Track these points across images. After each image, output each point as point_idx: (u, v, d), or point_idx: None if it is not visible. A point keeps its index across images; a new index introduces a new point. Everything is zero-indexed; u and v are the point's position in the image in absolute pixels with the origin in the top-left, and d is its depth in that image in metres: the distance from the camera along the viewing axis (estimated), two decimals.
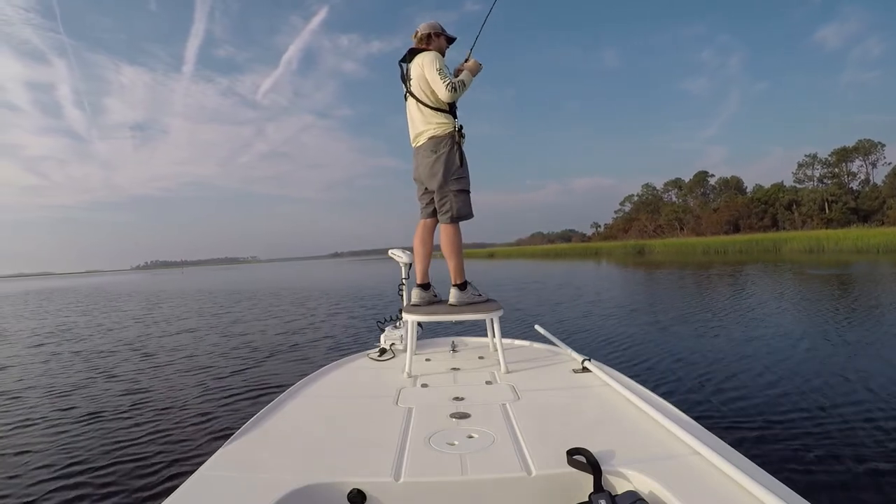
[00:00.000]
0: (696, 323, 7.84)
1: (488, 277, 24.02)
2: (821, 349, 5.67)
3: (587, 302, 11.36)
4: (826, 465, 2.89)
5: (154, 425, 4.17)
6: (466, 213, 3.08)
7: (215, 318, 12.14)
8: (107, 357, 7.57)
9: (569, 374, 2.57)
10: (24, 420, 4.55)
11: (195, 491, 1.45)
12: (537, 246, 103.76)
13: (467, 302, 3.00)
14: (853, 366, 4.89)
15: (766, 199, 72.75)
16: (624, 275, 21.93)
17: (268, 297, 18.34)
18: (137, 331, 10.61)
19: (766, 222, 69.48)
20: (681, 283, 15.64)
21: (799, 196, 69.77)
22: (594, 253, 56.57)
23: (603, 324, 8.15)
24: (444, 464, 1.56)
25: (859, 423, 3.47)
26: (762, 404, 3.96)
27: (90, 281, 73.22)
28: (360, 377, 2.76)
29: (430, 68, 2.95)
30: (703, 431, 1.69)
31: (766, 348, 5.84)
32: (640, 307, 10.21)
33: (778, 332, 6.72)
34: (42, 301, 25.23)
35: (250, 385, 5.34)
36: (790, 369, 4.89)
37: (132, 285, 42.05)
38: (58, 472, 3.33)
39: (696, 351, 5.90)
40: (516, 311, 10.11)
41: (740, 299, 10.45)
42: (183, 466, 3.26)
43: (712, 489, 1.34)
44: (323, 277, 36.18)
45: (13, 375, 6.61)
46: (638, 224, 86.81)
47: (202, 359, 6.99)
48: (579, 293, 13.66)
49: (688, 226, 78.84)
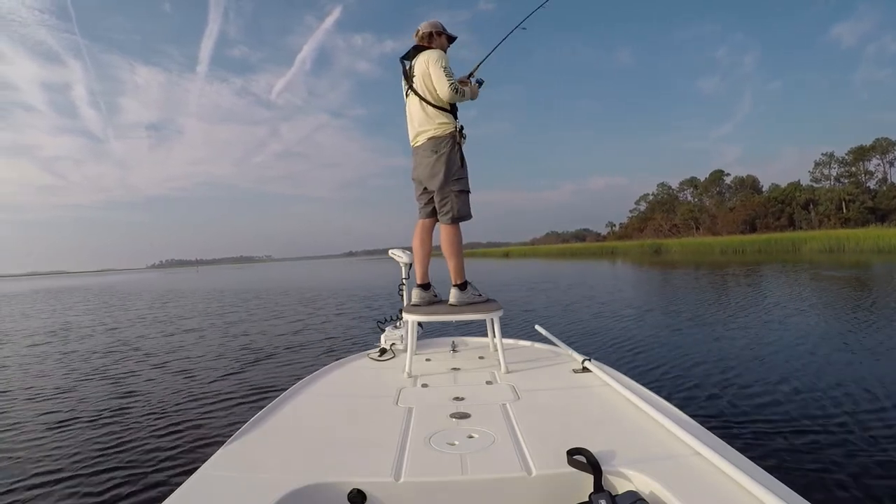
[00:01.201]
0: (715, 325, 7.69)
1: (501, 277, 23.82)
2: (837, 354, 5.49)
3: (599, 303, 11.19)
4: (831, 469, 2.85)
5: (154, 425, 4.18)
6: (466, 213, 3.10)
7: (220, 318, 12.16)
8: (106, 356, 7.59)
9: (569, 374, 2.58)
10: (25, 419, 4.56)
11: (195, 491, 1.45)
12: (553, 245, 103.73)
13: (467, 302, 3.01)
14: (871, 372, 4.73)
15: (782, 199, 71.89)
16: (640, 274, 21.66)
17: (275, 296, 18.35)
18: (139, 330, 10.66)
19: (782, 222, 68.73)
20: (699, 284, 15.39)
21: (816, 195, 68.80)
22: (610, 252, 56.23)
23: (614, 325, 8.02)
24: (445, 464, 1.57)
25: (872, 429, 3.37)
26: (768, 406, 3.91)
27: (103, 280, 74.33)
28: (360, 377, 2.77)
29: (435, 65, 2.96)
30: (703, 431, 1.69)
31: (780, 351, 5.71)
32: (655, 307, 10.05)
33: (794, 335, 6.57)
34: (49, 299, 25.69)
35: (251, 385, 5.34)
36: (801, 372, 4.79)
37: (144, 284, 42.49)
38: (57, 472, 3.33)
39: (711, 353, 5.78)
40: (526, 312, 10.00)
41: (760, 300, 10.25)
42: (183, 466, 3.27)
43: (713, 489, 1.34)
44: (333, 276, 36.40)
45: (15, 374, 6.64)
46: (653, 223, 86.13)
47: (203, 358, 7.01)
48: (592, 293, 13.50)
49: (703, 225, 78.07)
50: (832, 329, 6.90)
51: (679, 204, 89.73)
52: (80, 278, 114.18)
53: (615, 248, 59.64)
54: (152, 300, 20.34)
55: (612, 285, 16.27)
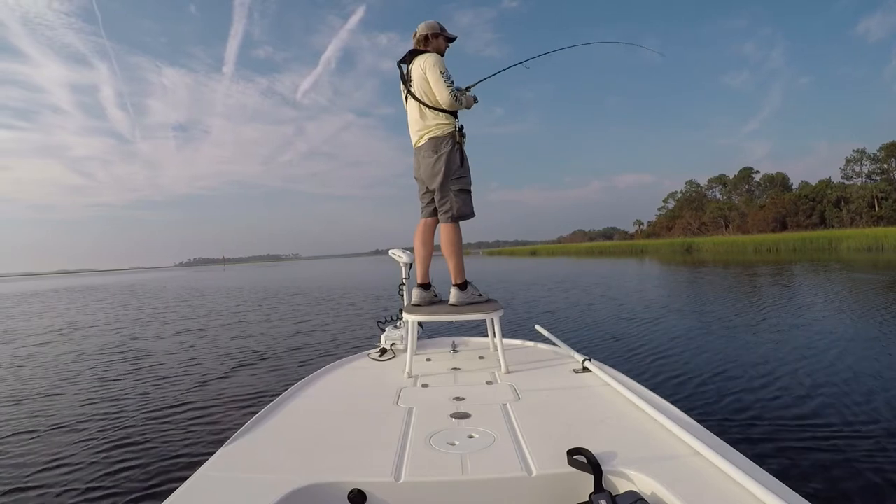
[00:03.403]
0: (750, 327, 7.29)
1: (523, 277, 23.07)
2: (866, 362, 5.05)
3: (623, 305, 10.60)
4: (832, 469, 2.82)
5: (154, 425, 4.18)
6: (467, 212, 3.11)
7: (230, 317, 12.11)
8: (106, 356, 7.63)
9: (569, 374, 2.57)
10: (24, 419, 4.57)
11: (195, 491, 1.45)
12: (581, 243, 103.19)
13: (468, 302, 3.01)
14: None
15: (813, 196, 70.66)
16: (676, 275, 20.75)
17: (293, 296, 17.92)
18: (146, 329, 10.65)
19: (813, 220, 67.66)
20: (735, 284, 14.67)
21: (847, 193, 67.39)
22: (640, 251, 55.36)
23: (646, 331, 7.37)
24: (445, 464, 1.57)
25: (880, 436, 3.23)
26: (781, 409, 3.81)
27: (130, 278, 74.53)
28: (360, 377, 2.78)
29: (433, 71, 2.97)
30: (703, 432, 1.69)
31: (808, 358, 5.30)
32: (693, 309, 9.56)
33: (825, 339, 6.19)
34: (69, 297, 26.22)
35: (251, 385, 5.36)
36: (820, 376, 4.61)
37: (170, 282, 42.62)
38: (57, 472, 3.33)
39: (736, 358, 5.53)
40: (547, 314, 9.79)
41: (800, 300, 9.74)
42: (183, 466, 3.25)
43: (713, 489, 1.34)
44: (355, 272, 36.36)
45: (18, 373, 6.72)
46: (682, 221, 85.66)
47: (204, 358, 7.01)
48: (625, 294, 12.77)
49: (733, 223, 77.24)
50: (879, 336, 6.30)
51: (708, 202, 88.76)
52: (107, 276, 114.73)
53: (645, 247, 58.99)
54: (168, 299, 20.34)
55: (638, 286, 15.58)
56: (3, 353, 8.47)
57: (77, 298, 24.93)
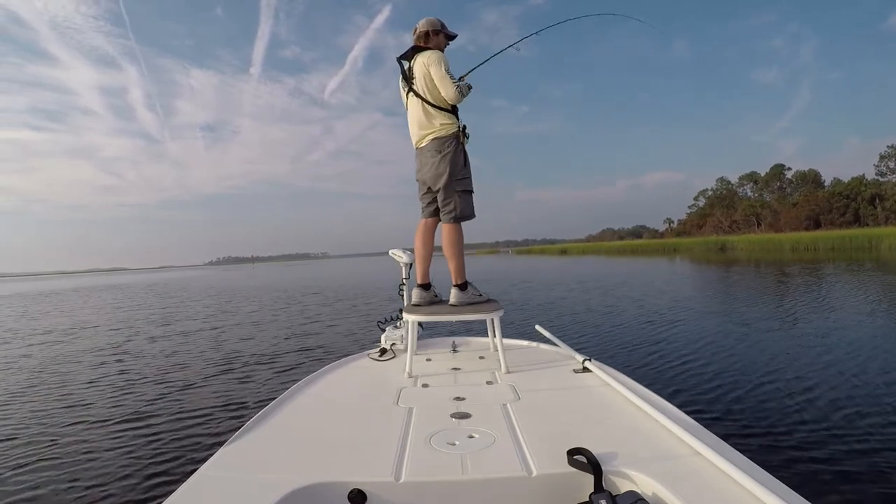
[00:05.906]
0: (781, 331, 7.01)
1: (548, 276, 22.51)
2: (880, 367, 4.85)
3: (658, 311, 9.47)
4: (832, 470, 2.81)
5: (154, 424, 4.18)
6: (469, 213, 3.11)
7: (243, 317, 12.18)
8: (108, 354, 7.71)
9: (569, 374, 2.56)
10: (23, 418, 4.58)
11: (195, 491, 1.45)
12: (611, 242, 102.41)
13: (468, 302, 3.00)
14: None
15: (846, 194, 68.73)
16: (708, 273, 20.10)
17: (308, 295, 17.86)
18: (154, 329, 10.68)
19: (847, 217, 65.81)
20: (776, 284, 14.13)
21: (882, 190, 65.25)
22: (672, 249, 54.49)
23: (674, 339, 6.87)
24: (445, 464, 1.56)
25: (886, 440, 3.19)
26: (782, 410, 3.80)
27: (156, 277, 75.29)
28: (360, 377, 2.77)
29: (436, 67, 2.95)
30: (704, 432, 1.68)
31: (832, 365, 5.06)
32: (714, 310, 9.32)
33: (849, 344, 5.92)
34: (92, 295, 26.66)
35: (252, 384, 5.38)
36: (825, 378, 4.55)
37: (193, 281, 42.79)
38: (57, 471, 3.33)
39: (776, 372, 5.03)
40: (567, 316, 9.63)
41: (837, 302, 9.36)
42: (183, 466, 3.25)
43: (713, 489, 1.33)
44: (376, 270, 36.39)
45: (24, 371, 6.76)
46: (713, 220, 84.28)
47: (205, 358, 7.03)
48: (660, 295, 12.22)
49: (765, 221, 75.77)
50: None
51: (739, 200, 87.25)
52: (136, 275, 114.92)
53: (677, 246, 57.88)
54: (186, 298, 20.55)
55: (682, 284, 15.10)
56: (2, 354, 8.55)
57: (94, 297, 25.33)
